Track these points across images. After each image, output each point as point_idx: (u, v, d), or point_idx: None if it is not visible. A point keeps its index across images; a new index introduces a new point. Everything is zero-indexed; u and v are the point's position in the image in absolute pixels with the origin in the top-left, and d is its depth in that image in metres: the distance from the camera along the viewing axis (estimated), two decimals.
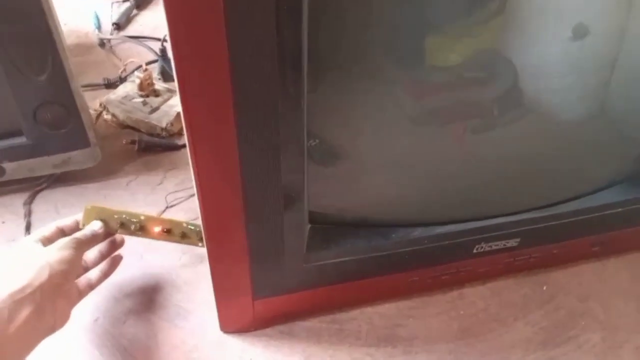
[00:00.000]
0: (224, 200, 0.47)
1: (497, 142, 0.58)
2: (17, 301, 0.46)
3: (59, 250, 0.53)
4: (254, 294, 0.56)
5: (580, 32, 0.52)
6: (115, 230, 0.59)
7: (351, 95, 0.50)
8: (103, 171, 0.77)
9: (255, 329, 0.60)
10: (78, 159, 0.73)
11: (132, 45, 1.05)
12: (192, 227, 0.62)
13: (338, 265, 0.57)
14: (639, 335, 0.61)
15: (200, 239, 0.57)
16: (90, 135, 0.73)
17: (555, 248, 0.65)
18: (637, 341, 0.61)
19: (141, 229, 0.60)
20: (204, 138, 0.43)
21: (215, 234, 0.50)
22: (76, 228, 0.59)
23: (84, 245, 0.56)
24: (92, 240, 0.58)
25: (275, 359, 0.58)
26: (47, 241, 0.55)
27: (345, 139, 0.53)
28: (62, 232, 0.58)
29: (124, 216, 0.59)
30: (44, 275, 0.49)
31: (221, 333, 0.60)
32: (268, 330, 0.61)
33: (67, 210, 0.72)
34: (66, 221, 0.59)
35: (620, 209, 0.63)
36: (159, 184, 0.77)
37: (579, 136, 0.60)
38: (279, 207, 0.49)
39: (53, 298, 0.49)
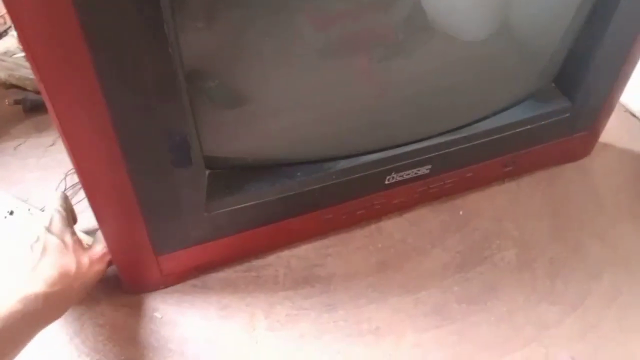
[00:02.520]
0: (97, 150, 0.42)
1: (403, 69, 0.56)
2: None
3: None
4: (156, 250, 0.52)
5: None
6: None
7: (248, 29, 0.46)
8: None
9: (166, 286, 0.57)
10: None
11: None
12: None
13: (244, 210, 0.54)
14: (552, 248, 0.62)
15: None
16: None
17: (468, 172, 0.64)
18: (550, 253, 0.62)
19: None
20: (59, 82, 0.38)
21: (95, 191, 0.45)
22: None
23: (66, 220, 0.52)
24: (64, 218, 0.53)
25: (189, 314, 0.56)
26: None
27: (246, 77, 0.50)
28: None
29: None
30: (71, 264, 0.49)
31: (129, 295, 0.56)
32: (179, 286, 0.58)
33: None
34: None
35: (528, 126, 0.63)
36: (51, 145, 0.70)
37: (483, 55, 0.59)
38: (164, 154, 0.45)
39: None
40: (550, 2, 0.57)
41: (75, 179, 0.65)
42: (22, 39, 0.36)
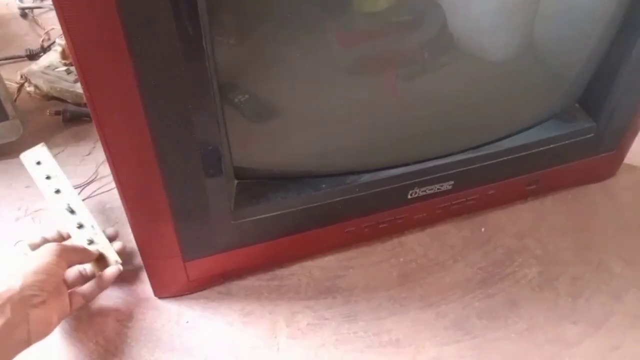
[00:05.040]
0: (136, 159, 0.45)
1: (429, 86, 0.57)
2: None
3: (37, 258, 0.50)
4: (184, 255, 0.54)
5: None
6: None
7: (278, 46, 0.48)
8: (28, 145, 0.72)
9: (192, 292, 0.59)
10: None
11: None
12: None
13: (269, 220, 0.55)
14: (575, 267, 0.62)
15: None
16: (8, 108, 0.70)
17: (491, 189, 0.65)
18: (573, 272, 0.62)
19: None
20: (103, 94, 0.41)
21: (131, 195, 0.48)
22: (59, 239, 0.57)
23: (65, 253, 0.52)
24: (79, 251, 0.55)
25: (214, 319, 0.57)
26: (35, 248, 0.53)
27: (275, 92, 0.52)
28: (46, 242, 0.56)
29: None
30: (15, 287, 0.46)
31: (156, 299, 0.58)
32: (205, 292, 0.59)
33: None
34: (50, 232, 0.57)
35: (552, 145, 0.63)
36: (88, 154, 0.73)
37: (508, 75, 0.59)
38: (196, 164, 0.47)
39: (25, 310, 0.46)
40: (576, 24, 0.58)
41: None
42: (72, 49, 0.38)
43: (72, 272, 0.55)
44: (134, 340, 0.55)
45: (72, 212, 0.58)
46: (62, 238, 0.58)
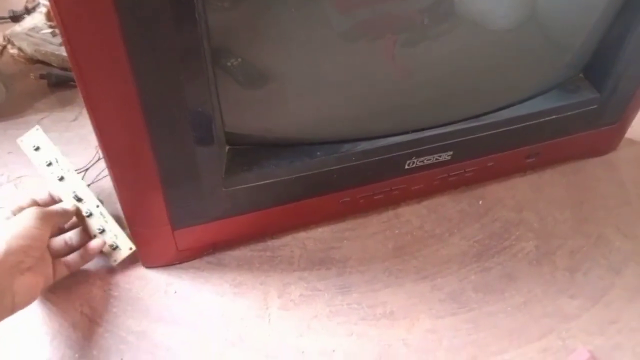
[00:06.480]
0: (121, 122, 0.43)
1: (428, 54, 0.55)
2: None
3: (19, 222, 0.48)
4: (173, 223, 0.52)
5: None
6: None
7: (272, 10, 0.46)
8: (11, 110, 0.71)
9: (181, 262, 0.57)
10: None
11: None
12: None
13: (262, 188, 0.53)
14: (573, 240, 0.61)
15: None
16: None
17: (490, 160, 0.63)
18: (571, 246, 0.61)
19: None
20: (87, 54, 0.39)
21: (118, 161, 0.46)
22: (50, 202, 0.55)
23: (49, 217, 0.50)
24: (61, 214, 0.53)
25: (203, 290, 0.56)
26: (20, 211, 0.51)
27: (270, 57, 0.49)
28: (36, 204, 0.53)
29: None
30: None
31: (144, 269, 0.57)
32: (195, 262, 0.58)
33: None
34: (41, 194, 0.55)
35: (554, 116, 0.62)
36: (74, 120, 0.71)
37: (510, 44, 0.57)
38: (186, 128, 0.45)
39: (9, 277, 0.45)
40: None
41: None
42: (55, 7, 0.36)
43: (58, 241, 0.53)
44: (121, 310, 0.53)
45: (79, 200, 0.56)
46: (54, 201, 0.56)
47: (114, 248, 0.55)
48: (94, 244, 0.54)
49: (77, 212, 0.55)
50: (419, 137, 0.57)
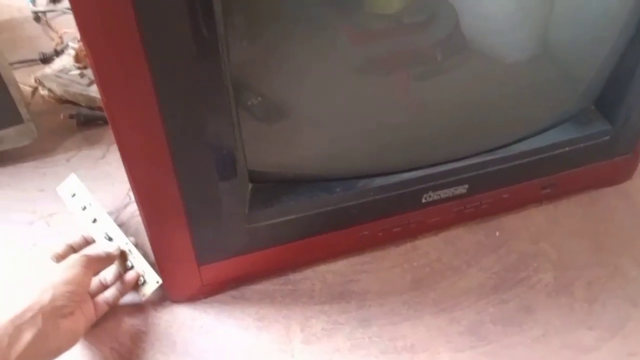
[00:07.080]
0: (151, 161, 0.45)
1: (442, 87, 0.57)
2: (18, 326, 0.45)
3: (66, 269, 0.51)
4: (199, 259, 0.54)
5: None
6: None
7: (290, 46, 0.48)
8: (41, 148, 0.74)
9: (206, 296, 0.59)
10: (11, 136, 0.70)
11: (70, 17, 0.99)
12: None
13: (283, 224, 0.55)
14: (591, 271, 0.62)
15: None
16: (23, 111, 0.70)
17: (505, 193, 0.64)
18: (589, 277, 0.61)
19: None
20: (118, 95, 0.41)
21: (146, 198, 0.48)
22: (84, 244, 0.59)
23: (93, 263, 0.54)
24: (104, 259, 0.56)
25: (228, 323, 0.57)
26: (60, 259, 0.55)
27: (288, 94, 0.52)
28: (72, 249, 0.58)
29: None
30: (46, 298, 0.48)
31: (170, 303, 0.58)
32: (220, 297, 0.59)
33: (2, 191, 0.69)
34: (75, 238, 0.59)
35: (567, 148, 0.63)
36: (101, 158, 0.74)
37: (523, 77, 0.59)
38: (211, 167, 0.47)
39: (56, 321, 0.48)
40: (593, 25, 0.58)
41: None
42: (86, 45, 0.38)
43: (94, 282, 0.56)
44: (149, 345, 0.55)
45: (109, 239, 0.59)
46: (87, 243, 0.60)
47: (142, 283, 0.57)
48: (130, 276, 0.57)
49: (122, 254, 0.58)
50: (435, 172, 0.58)
